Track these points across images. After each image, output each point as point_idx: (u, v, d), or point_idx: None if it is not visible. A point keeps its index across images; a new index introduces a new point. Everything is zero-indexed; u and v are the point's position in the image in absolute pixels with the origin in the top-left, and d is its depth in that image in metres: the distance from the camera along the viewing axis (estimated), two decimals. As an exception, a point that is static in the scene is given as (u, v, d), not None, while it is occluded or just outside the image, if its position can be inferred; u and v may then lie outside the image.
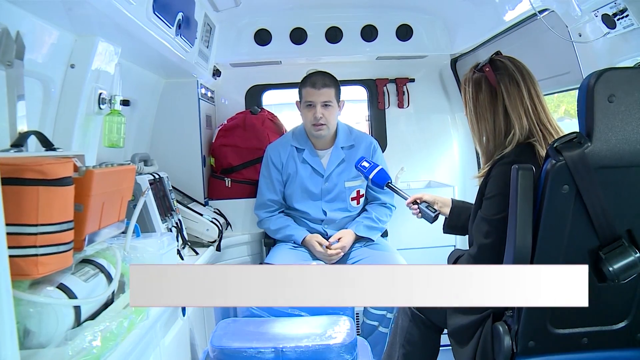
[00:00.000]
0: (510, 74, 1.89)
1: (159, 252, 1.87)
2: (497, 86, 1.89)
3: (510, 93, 1.87)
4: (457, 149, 3.74)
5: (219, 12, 2.95)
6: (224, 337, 2.10)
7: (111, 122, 1.98)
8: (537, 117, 1.87)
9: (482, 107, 1.92)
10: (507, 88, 1.88)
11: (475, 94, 1.93)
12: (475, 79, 1.94)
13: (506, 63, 1.91)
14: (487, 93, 1.91)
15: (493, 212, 1.82)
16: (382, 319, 2.70)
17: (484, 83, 1.92)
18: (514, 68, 1.90)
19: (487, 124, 1.92)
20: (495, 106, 1.90)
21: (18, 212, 1.15)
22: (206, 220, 2.75)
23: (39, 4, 1.50)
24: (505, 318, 1.76)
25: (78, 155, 1.44)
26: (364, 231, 2.93)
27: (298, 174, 2.98)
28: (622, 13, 1.78)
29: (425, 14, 3.36)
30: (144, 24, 1.93)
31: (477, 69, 1.95)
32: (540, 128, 1.86)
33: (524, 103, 1.87)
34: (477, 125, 1.95)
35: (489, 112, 1.91)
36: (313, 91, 2.87)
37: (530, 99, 1.88)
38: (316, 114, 2.87)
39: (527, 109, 1.87)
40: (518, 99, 1.87)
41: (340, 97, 2.96)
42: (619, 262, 1.56)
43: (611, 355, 1.72)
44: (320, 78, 2.89)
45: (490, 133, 1.92)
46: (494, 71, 1.90)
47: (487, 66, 1.92)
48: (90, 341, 1.26)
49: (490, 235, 1.82)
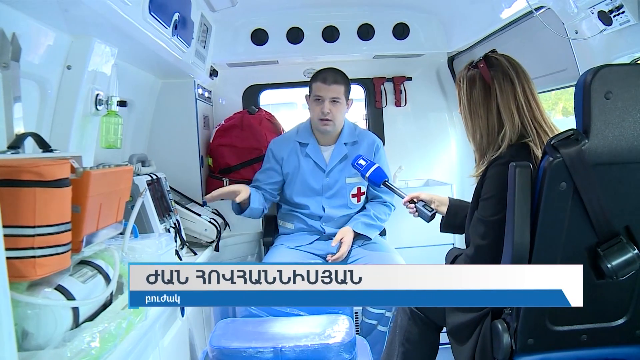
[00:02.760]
0: (504, 71, 1.89)
1: (157, 252, 1.87)
2: (491, 83, 1.89)
3: (503, 90, 1.87)
4: (454, 147, 3.74)
5: (216, 12, 2.94)
6: (223, 337, 2.10)
7: (108, 123, 1.97)
8: (531, 114, 1.87)
9: (476, 103, 1.92)
10: (500, 85, 1.88)
11: (469, 91, 1.93)
12: (470, 75, 1.94)
13: (501, 60, 1.91)
14: (481, 90, 1.91)
15: (489, 213, 1.82)
16: (380, 318, 2.70)
17: (478, 80, 1.92)
18: (508, 65, 1.90)
19: (481, 120, 1.92)
20: (488, 103, 1.90)
21: (15, 213, 1.15)
22: (204, 221, 2.75)
23: (35, 6, 1.50)
24: (504, 316, 1.76)
25: (75, 157, 1.44)
26: (362, 229, 2.93)
27: (300, 168, 2.99)
28: (618, 10, 1.78)
29: (421, 12, 3.35)
30: (140, 25, 1.93)
31: (471, 66, 1.96)
32: (535, 126, 1.86)
33: (518, 100, 1.87)
34: (471, 122, 1.95)
35: (483, 109, 1.91)
36: (323, 86, 2.88)
37: (524, 96, 1.87)
38: (324, 109, 2.88)
39: (521, 106, 1.87)
40: (511, 96, 1.87)
41: (350, 95, 2.97)
42: (617, 258, 1.57)
43: (610, 352, 1.72)
44: (332, 74, 2.90)
45: (483, 130, 1.92)
46: (488, 68, 1.90)
47: (481, 62, 1.92)
48: (88, 342, 1.26)
49: (487, 237, 1.83)
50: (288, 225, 3.08)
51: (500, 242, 1.73)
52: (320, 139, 3.02)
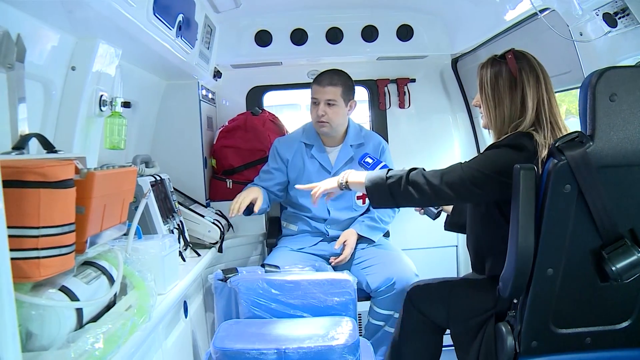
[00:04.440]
0: (531, 66, 1.92)
1: (160, 253, 1.87)
2: (518, 75, 1.91)
3: (530, 83, 1.91)
4: (458, 149, 3.73)
5: (220, 14, 2.95)
6: (227, 339, 2.09)
7: (112, 124, 1.97)
8: (550, 110, 1.90)
9: (502, 92, 1.95)
10: (527, 77, 1.91)
11: (495, 79, 1.96)
12: (495, 65, 1.97)
13: (527, 55, 1.96)
14: (507, 80, 1.94)
15: (472, 163, 1.91)
16: (388, 319, 2.69)
17: (505, 70, 1.94)
18: (535, 61, 1.94)
19: (505, 108, 1.95)
20: (513, 93, 1.92)
21: (20, 214, 1.15)
22: (208, 222, 2.75)
23: (39, 7, 1.50)
24: (508, 318, 1.76)
25: (79, 158, 1.44)
26: (366, 231, 2.93)
27: (305, 169, 2.99)
28: (623, 12, 1.78)
29: (425, 14, 3.35)
30: (144, 26, 1.93)
31: (498, 57, 1.99)
32: (551, 121, 1.89)
33: (540, 94, 1.90)
34: (495, 110, 1.98)
35: (508, 98, 1.94)
36: (318, 88, 2.90)
37: (547, 92, 1.91)
38: (319, 111, 2.89)
39: (542, 101, 1.90)
40: (535, 89, 1.90)
41: (352, 96, 2.95)
42: (621, 261, 1.56)
43: (615, 355, 1.72)
44: (328, 76, 2.90)
45: (507, 117, 1.95)
46: (516, 60, 1.92)
47: (509, 54, 1.94)
48: (92, 343, 1.26)
49: (454, 187, 1.91)
50: (292, 227, 3.08)
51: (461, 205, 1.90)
52: (325, 140, 3.02)
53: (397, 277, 2.66)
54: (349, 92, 2.93)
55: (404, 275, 2.67)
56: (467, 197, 1.92)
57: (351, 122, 3.05)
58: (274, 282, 2.35)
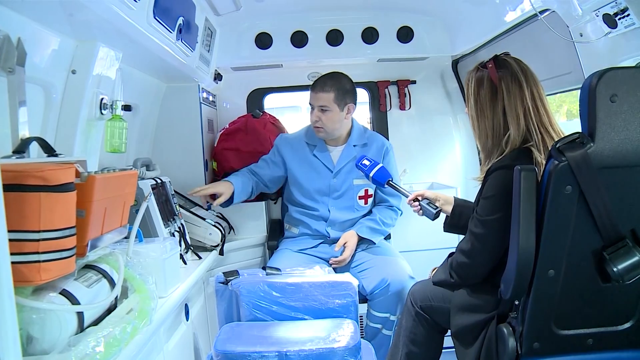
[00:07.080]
0: (513, 73, 1.89)
1: (161, 256, 1.87)
2: (498, 84, 1.89)
3: (511, 92, 1.88)
4: (459, 150, 3.74)
5: (220, 16, 2.95)
6: (228, 342, 2.09)
7: (113, 127, 1.97)
8: (537, 119, 1.88)
9: (483, 104, 1.93)
10: (508, 87, 1.88)
11: (477, 91, 1.94)
12: (478, 75, 1.95)
13: (510, 63, 1.92)
14: (488, 90, 1.92)
15: (486, 212, 1.84)
16: (385, 322, 2.69)
17: (486, 80, 1.92)
18: (517, 68, 1.90)
19: (487, 121, 1.93)
20: (495, 104, 1.90)
21: (20, 218, 1.15)
22: (209, 225, 2.75)
23: (40, 10, 1.50)
24: (510, 319, 1.75)
25: (80, 161, 1.44)
26: (367, 233, 2.92)
27: (307, 168, 2.99)
28: (623, 12, 1.78)
29: (425, 16, 3.35)
30: (144, 29, 1.93)
31: (480, 66, 1.96)
32: (541, 130, 1.86)
33: (525, 104, 1.87)
34: (477, 122, 1.97)
35: (489, 110, 1.92)
36: (312, 94, 2.93)
37: (532, 100, 1.88)
38: (312, 116, 2.93)
39: (528, 110, 1.87)
40: (519, 99, 1.87)
41: (348, 100, 2.93)
42: (623, 262, 1.56)
43: (617, 356, 1.71)
44: (321, 82, 2.90)
45: (489, 130, 1.93)
46: (497, 69, 1.90)
47: (490, 63, 1.92)
48: (93, 347, 1.26)
49: (482, 238, 1.86)
50: (293, 229, 3.08)
51: (496, 243, 1.78)
52: (327, 140, 3.02)
53: (391, 279, 2.66)
54: (344, 96, 2.91)
55: (398, 278, 2.67)
56: (496, 228, 1.84)
57: (355, 122, 3.06)
58: (275, 284, 2.35)
